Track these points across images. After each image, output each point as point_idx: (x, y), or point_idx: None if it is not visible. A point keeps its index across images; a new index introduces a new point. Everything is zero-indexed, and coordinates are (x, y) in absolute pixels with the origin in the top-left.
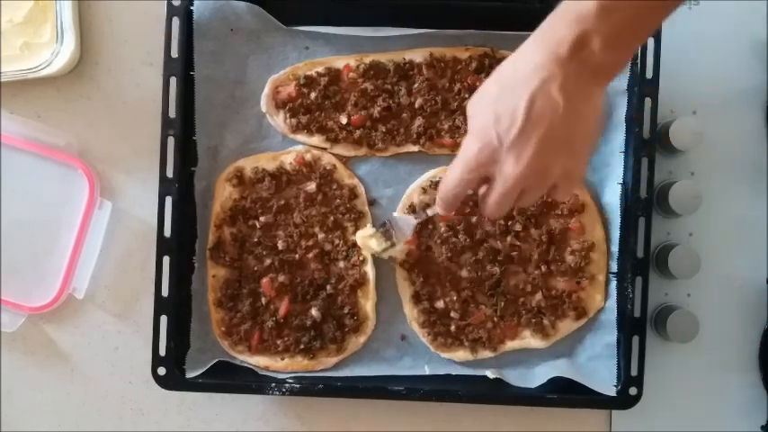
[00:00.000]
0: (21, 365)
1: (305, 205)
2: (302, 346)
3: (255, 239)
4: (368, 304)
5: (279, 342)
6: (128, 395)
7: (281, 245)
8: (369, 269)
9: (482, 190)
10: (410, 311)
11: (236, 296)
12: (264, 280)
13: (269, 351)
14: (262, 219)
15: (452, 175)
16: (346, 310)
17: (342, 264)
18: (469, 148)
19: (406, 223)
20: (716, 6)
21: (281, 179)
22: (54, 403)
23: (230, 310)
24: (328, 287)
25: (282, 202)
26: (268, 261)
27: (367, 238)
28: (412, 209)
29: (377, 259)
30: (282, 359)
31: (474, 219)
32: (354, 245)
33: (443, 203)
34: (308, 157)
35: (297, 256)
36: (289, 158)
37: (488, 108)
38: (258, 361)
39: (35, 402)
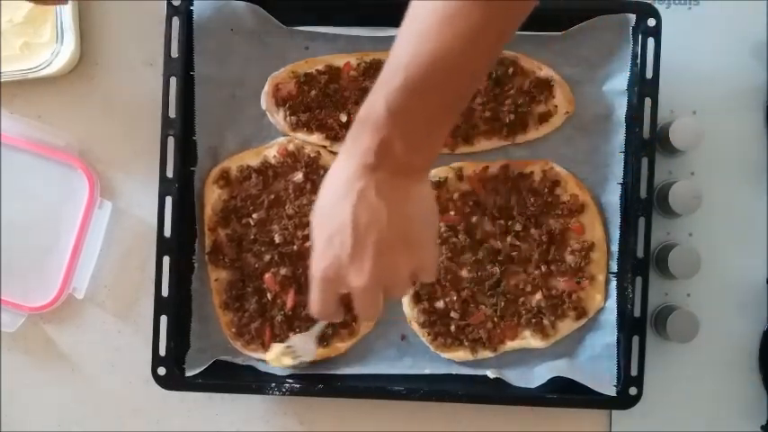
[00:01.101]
0: (21, 365)
1: (295, 196)
2: None
3: (252, 237)
4: None
5: (291, 334)
6: (128, 395)
7: (277, 238)
8: None
9: None
10: (410, 311)
11: (241, 296)
12: (267, 276)
13: None
14: (254, 216)
15: (312, 296)
16: None
17: None
18: (315, 270)
19: (308, 341)
20: (716, 6)
21: (267, 173)
22: (54, 403)
23: (238, 311)
24: None
25: (273, 196)
26: (267, 256)
27: (280, 357)
28: None
29: None
30: None
31: (474, 219)
32: None
33: (322, 318)
34: (290, 147)
35: (295, 247)
36: (272, 152)
37: (322, 227)
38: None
39: (35, 402)
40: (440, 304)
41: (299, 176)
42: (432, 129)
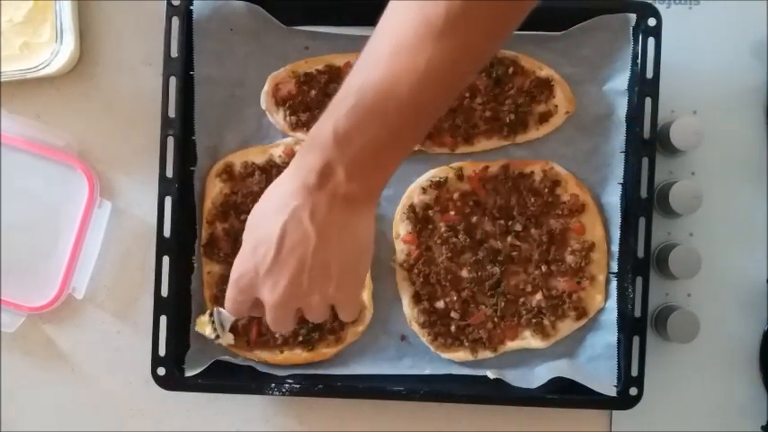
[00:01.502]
0: (20, 365)
1: None
2: (301, 339)
3: None
4: (364, 293)
5: (277, 336)
6: (127, 395)
7: None
8: None
9: None
10: (410, 311)
11: None
12: None
13: (268, 345)
14: None
15: (228, 295)
16: None
17: None
18: (234, 272)
19: (226, 319)
20: (716, 6)
21: (270, 172)
22: (54, 403)
23: None
24: None
25: None
26: None
27: (204, 324)
28: (412, 209)
29: (375, 256)
30: (282, 353)
31: (474, 219)
32: None
33: (232, 314)
34: (296, 148)
35: None
36: (278, 151)
37: (251, 231)
38: (257, 356)
39: (35, 402)
40: (440, 304)
41: None
42: (377, 161)
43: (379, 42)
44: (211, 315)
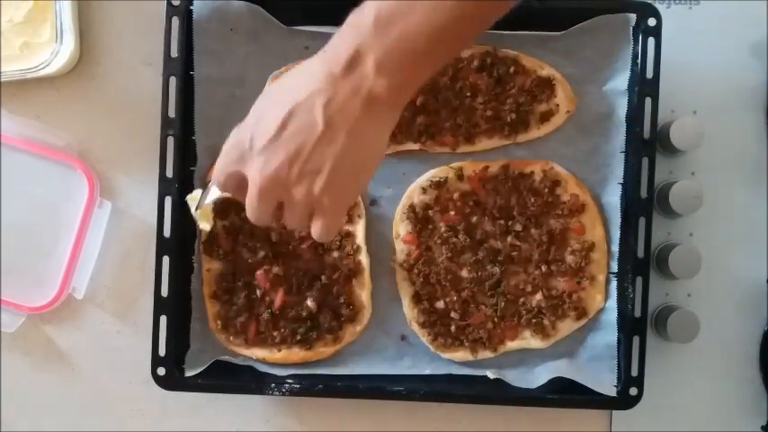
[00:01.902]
0: (20, 365)
1: None
2: (299, 338)
3: (249, 232)
4: (363, 293)
5: (275, 334)
6: (127, 395)
7: (274, 236)
8: (363, 258)
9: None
10: (410, 312)
11: (231, 289)
12: (259, 272)
13: (266, 343)
14: None
15: (216, 165)
16: (342, 300)
17: (336, 253)
18: (230, 138)
19: (212, 193)
20: (716, 6)
21: None
22: (54, 403)
23: (226, 304)
24: (323, 277)
25: None
26: (262, 253)
27: (194, 199)
28: (412, 209)
29: (373, 252)
30: (279, 351)
31: (474, 219)
32: (348, 234)
33: (217, 183)
34: None
35: (290, 247)
36: None
37: (259, 106)
38: (255, 353)
39: (35, 402)
40: (440, 304)
41: None
42: (413, 56)
43: None
44: (205, 186)
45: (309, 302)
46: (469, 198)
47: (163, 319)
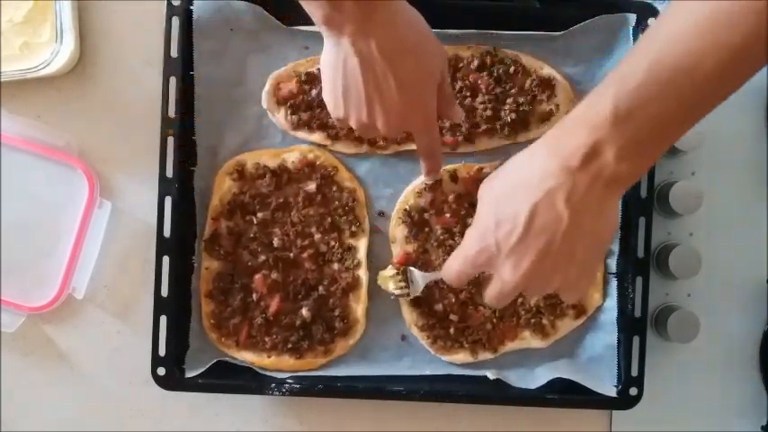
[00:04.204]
0: (20, 365)
1: (303, 204)
2: (290, 346)
3: (251, 235)
4: (359, 308)
5: (267, 339)
6: (127, 395)
7: (276, 242)
8: (362, 273)
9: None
10: (409, 315)
11: (227, 290)
12: (257, 276)
13: (256, 348)
14: (259, 215)
15: (454, 266)
16: (337, 313)
17: (336, 266)
18: (471, 245)
19: (421, 279)
20: None
21: (281, 177)
22: (54, 403)
23: (221, 304)
24: (320, 288)
25: (281, 199)
26: (262, 257)
27: (387, 279)
28: (408, 213)
29: (371, 263)
30: (269, 357)
31: (470, 220)
32: (350, 248)
33: (451, 284)
34: (310, 156)
35: (291, 254)
36: (291, 157)
37: (492, 206)
38: (245, 357)
39: (35, 402)
40: (438, 307)
41: (311, 186)
42: (658, 138)
43: (674, 22)
44: (398, 273)
45: (304, 312)
46: (465, 200)
47: (163, 319)
